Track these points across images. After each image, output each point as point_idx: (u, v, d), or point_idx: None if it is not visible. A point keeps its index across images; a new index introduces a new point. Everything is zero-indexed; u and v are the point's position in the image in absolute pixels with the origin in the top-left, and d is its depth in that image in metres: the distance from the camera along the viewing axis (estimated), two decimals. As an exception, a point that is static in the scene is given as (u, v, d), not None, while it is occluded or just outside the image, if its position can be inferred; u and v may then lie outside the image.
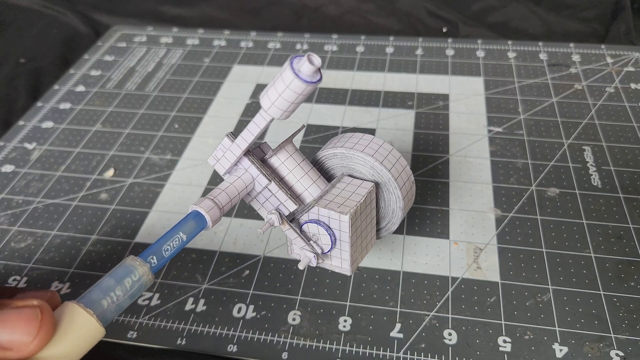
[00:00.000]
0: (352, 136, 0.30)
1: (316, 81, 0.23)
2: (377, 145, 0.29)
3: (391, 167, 0.28)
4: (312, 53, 0.22)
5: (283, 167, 0.28)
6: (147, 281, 0.23)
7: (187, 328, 0.31)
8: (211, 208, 0.25)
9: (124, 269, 0.22)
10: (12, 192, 0.41)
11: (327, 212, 0.26)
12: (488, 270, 0.34)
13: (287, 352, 0.30)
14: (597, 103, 0.47)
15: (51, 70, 0.57)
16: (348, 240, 0.27)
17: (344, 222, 0.26)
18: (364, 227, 0.28)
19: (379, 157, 0.28)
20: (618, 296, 0.32)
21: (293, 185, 0.28)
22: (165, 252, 0.24)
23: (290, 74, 0.22)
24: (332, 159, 0.30)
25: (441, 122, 0.46)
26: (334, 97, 0.50)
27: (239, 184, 0.26)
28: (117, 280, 0.22)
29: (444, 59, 0.54)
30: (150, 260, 0.23)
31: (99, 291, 0.21)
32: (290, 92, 0.23)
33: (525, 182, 0.40)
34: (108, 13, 0.66)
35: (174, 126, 0.47)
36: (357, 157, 0.29)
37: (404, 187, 0.29)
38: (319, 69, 0.22)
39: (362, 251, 0.29)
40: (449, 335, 0.30)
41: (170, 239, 0.24)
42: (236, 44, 0.59)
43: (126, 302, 0.22)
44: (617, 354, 0.29)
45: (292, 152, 0.28)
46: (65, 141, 0.46)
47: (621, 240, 0.35)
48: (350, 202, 0.27)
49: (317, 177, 0.28)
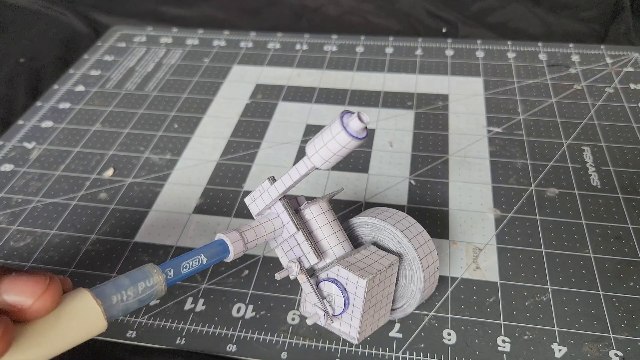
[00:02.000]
0: (386, 210, 0.30)
1: (362, 137, 0.23)
2: (409, 223, 0.29)
3: (418, 247, 0.28)
4: (362, 112, 0.23)
5: (314, 222, 0.28)
6: (159, 290, 0.23)
7: (187, 328, 0.31)
8: (236, 240, 0.26)
9: (141, 272, 0.23)
10: (11, 191, 0.41)
11: (347, 273, 0.26)
12: (487, 270, 0.34)
13: (287, 351, 0.30)
14: (597, 103, 0.47)
15: (51, 70, 0.57)
16: (361, 306, 0.27)
17: (361, 287, 0.26)
18: (379, 299, 0.28)
19: (409, 234, 0.28)
20: (617, 296, 0.32)
21: (319, 241, 0.28)
22: (183, 269, 0.24)
23: (339, 127, 0.23)
24: (362, 227, 0.30)
25: (441, 122, 0.46)
26: (334, 97, 0.50)
27: (268, 226, 0.27)
28: (132, 281, 0.22)
29: (444, 59, 0.54)
30: (167, 272, 0.24)
31: (112, 286, 0.22)
32: (336, 144, 0.23)
33: (525, 183, 0.40)
34: (108, 13, 0.66)
35: (174, 126, 0.47)
36: (387, 230, 0.29)
37: (428, 270, 0.28)
38: (366, 127, 0.23)
39: (372, 323, 0.28)
40: (448, 335, 0.30)
41: (190, 258, 0.25)
42: (236, 44, 0.59)
43: (134, 304, 0.22)
44: (616, 354, 0.29)
45: (325, 209, 0.28)
46: (65, 141, 0.46)
47: (620, 241, 0.35)
48: (370, 269, 0.27)
49: (344, 239, 0.28)
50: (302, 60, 0.55)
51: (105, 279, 0.34)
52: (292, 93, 0.51)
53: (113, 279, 0.22)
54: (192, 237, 0.37)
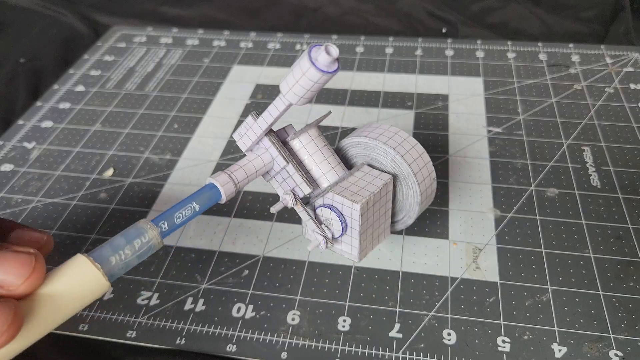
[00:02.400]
0: (378, 127, 0.30)
1: (332, 71, 0.23)
2: (401, 138, 0.29)
3: (412, 162, 0.28)
4: (330, 44, 0.23)
5: (303, 150, 0.28)
6: (155, 244, 0.24)
7: (187, 328, 0.31)
8: (227, 182, 0.26)
9: (135, 229, 0.23)
10: (11, 191, 0.41)
11: (341, 199, 0.27)
12: (487, 270, 0.34)
13: (286, 352, 0.30)
14: (597, 103, 0.47)
15: (51, 70, 0.57)
16: (358, 228, 0.27)
17: (355, 211, 0.27)
18: (376, 218, 0.28)
19: (401, 150, 0.28)
20: (617, 296, 0.32)
21: (311, 169, 0.28)
22: (177, 219, 0.25)
23: (307, 63, 0.23)
24: (355, 147, 0.30)
25: (440, 122, 0.46)
26: (334, 97, 0.50)
27: (258, 163, 0.27)
28: (128, 240, 0.23)
29: (444, 59, 0.54)
30: (162, 225, 0.24)
31: (109, 248, 0.23)
32: (307, 80, 0.23)
33: (525, 183, 0.40)
34: (108, 13, 0.67)
35: (174, 126, 0.47)
36: (379, 148, 0.29)
37: (423, 183, 0.29)
38: (336, 59, 0.23)
39: (372, 240, 0.29)
40: (448, 336, 0.30)
41: (183, 207, 0.25)
42: (236, 44, 0.59)
43: (134, 261, 0.23)
44: (616, 354, 0.29)
45: (314, 136, 0.28)
46: (65, 141, 0.46)
47: (620, 241, 0.35)
48: (364, 192, 0.27)
49: (336, 163, 0.29)
50: (302, 60, 0.55)
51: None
52: (292, 93, 0.51)
53: (109, 240, 0.23)
54: (192, 237, 0.37)
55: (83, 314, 0.32)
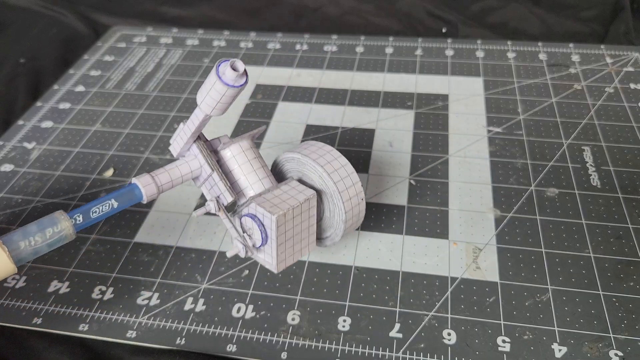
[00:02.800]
0: (314, 144, 0.31)
1: (239, 85, 0.24)
2: (331, 157, 0.30)
3: (339, 180, 0.29)
4: (237, 60, 0.24)
5: (233, 161, 0.29)
6: (67, 235, 0.25)
7: (187, 328, 0.31)
8: (149, 184, 0.27)
9: (49, 219, 0.25)
10: (11, 191, 0.41)
11: (262, 209, 0.28)
12: (487, 270, 0.34)
13: (287, 351, 0.30)
14: (597, 103, 0.47)
15: (51, 70, 0.57)
16: (275, 239, 0.28)
17: (273, 222, 0.27)
18: (297, 231, 0.29)
19: (329, 168, 0.29)
20: (617, 296, 0.32)
21: (238, 179, 0.29)
22: (93, 213, 0.26)
23: (214, 77, 0.24)
24: (289, 162, 0.31)
25: (441, 122, 0.46)
26: (334, 97, 0.50)
27: (184, 168, 0.28)
28: (40, 228, 0.24)
29: (444, 59, 0.54)
30: (76, 217, 0.25)
31: (20, 233, 0.24)
32: (215, 92, 0.24)
33: (525, 182, 0.40)
34: (108, 13, 0.67)
35: (174, 126, 0.47)
36: (309, 165, 0.30)
37: (349, 202, 0.29)
38: (244, 73, 0.24)
39: (294, 253, 0.30)
40: (448, 335, 0.30)
41: (101, 203, 0.26)
42: (236, 44, 0.59)
43: (44, 249, 0.24)
44: (616, 354, 0.29)
45: (245, 148, 0.30)
46: (65, 141, 0.46)
47: (620, 241, 0.35)
48: (284, 205, 0.28)
49: (264, 175, 0.30)
50: (302, 60, 0.55)
51: (105, 278, 0.34)
52: (292, 93, 0.51)
53: (23, 227, 0.25)
54: (192, 237, 0.37)
55: (83, 314, 0.32)
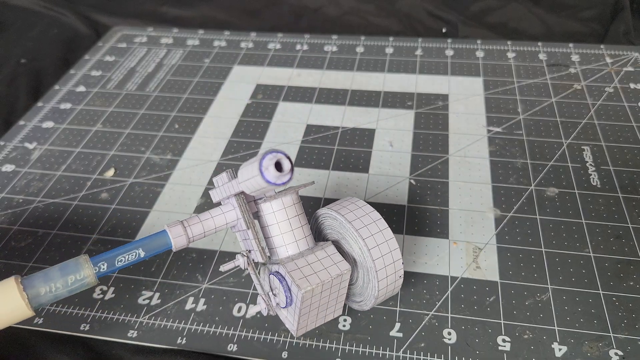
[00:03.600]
0: (361, 207, 0.29)
1: (281, 183, 0.22)
2: (377, 228, 0.28)
3: (378, 257, 0.27)
4: (284, 157, 0.22)
5: (272, 216, 0.27)
6: (89, 283, 0.25)
7: (188, 327, 0.31)
8: (179, 236, 0.26)
9: (73, 265, 0.24)
10: (12, 192, 0.41)
11: (290, 277, 0.26)
12: (487, 269, 0.34)
13: (287, 351, 0.30)
14: (597, 103, 0.47)
15: (52, 71, 0.57)
16: (299, 311, 0.27)
17: (299, 296, 0.26)
18: (325, 302, 0.28)
19: (371, 242, 0.27)
20: (617, 295, 0.32)
21: (273, 237, 0.27)
22: (118, 262, 0.25)
23: (256, 170, 0.22)
24: (332, 220, 0.29)
25: (440, 122, 0.46)
26: (334, 97, 0.50)
27: (220, 220, 0.27)
28: (63, 274, 0.24)
29: (444, 59, 0.54)
30: (101, 265, 0.25)
31: (42, 278, 0.24)
32: (256, 183, 0.23)
33: (525, 182, 0.40)
34: (108, 14, 0.67)
35: (174, 126, 0.47)
36: (351, 234, 0.28)
37: (385, 280, 0.28)
38: (290, 170, 0.22)
39: (317, 320, 0.29)
40: (448, 335, 0.30)
41: (127, 251, 0.25)
42: (236, 44, 0.59)
43: (64, 294, 0.24)
44: (616, 353, 0.29)
45: (288, 204, 0.27)
46: (66, 141, 0.46)
47: (620, 240, 0.35)
48: (314, 278, 0.26)
49: (301, 237, 0.28)
50: (302, 60, 0.56)
51: (106, 279, 0.35)
52: (292, 93, 0.51)
53: (45, 270, 0.24)
54: (192, 237, 0.37)
55: (84, 314, 0.32)
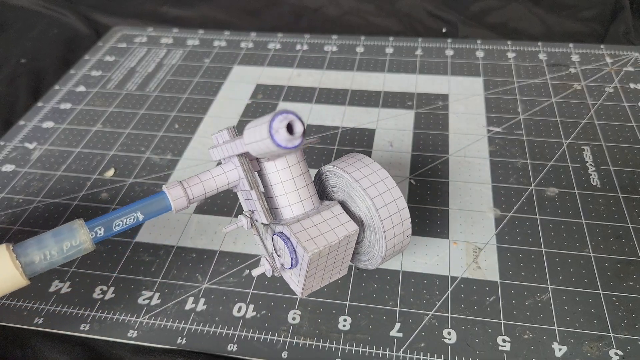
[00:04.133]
0: (368, 165, 0.28)
1: (291, 147, 0.21)
2: (385, 187, 0.27)
3: (387, 217, 0.26)
4: (297, 119, 0.21)
5: (276, 175, 0.26)
6: (86, 248, 0.23)
7: (188, 327, 0.31)
8: (180, 197, 0.25)
9: (67, 230, 0.23)
10: (12, 192, 0.41)
11: (295, 239, 0.25)
12: (487, 269, 0.34)
13: (287, 351, 0.30)
14: (597, 103, 0.47)
15: (52, 71, 0.57)
16: (305, 272, 0.26)
17: (305, 257, 0.25)
18: (331, 262, 0.27)
19: (379, 202, 0.26)
20: (617, 295, 0.32)
21: (277, 196, 0.26)
22: (115, 226, 0.23)
23: (265, 132, 0.21)
24: (338, 177, 0.28)
25: (441, 122, 0.46)
26: (334, 97, 0.50)
27: (221, 180, 0.26)
28: (57, 240, 0.22)
29: (444, 59, 0.54)
30: (97, 230, 0.23)
31: (35, 245, 0.22)
32: (264, 146, 0.22)
33: (525, 182, 0.40)
34: (108, 14, 0.67)
35: (174, 126, 0.47)
36: (358, 192, 0.27)
37: (393, 240, 0.27)
38: (302, 134, 0.21)
39: (322, 280, 0.28)
40: (448, 335, 0.30)
41: (125, 214, 0.24)
42: (236, 44, 0.59)
43: (59, 261, 0.22)
44: (616, 353, 0.29)
45: (292, 163, 0.26)
46: (66, 141, 0.46)
47: (620, 240, 0.35)
48: (321, 240, 0.25)
49: (307, 196, 0.27)
50: (302, 60, 0.56)
51: (106, 278, 0.35)
52: (292, 93, 0.51)
53: (38, 236, 0.22)
54: (192, 237, 0.37)
55: (84, 314, 0.32)
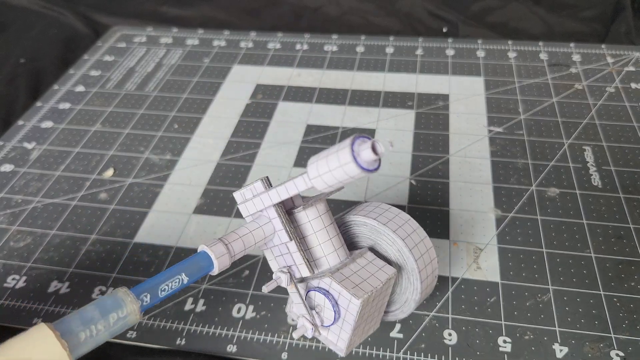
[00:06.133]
0: (388, 210, 0.28)
1: (373, 169, 0.20)
2: (411, 229, 0.27)
3: (419, 257, 0.26)
4: (378, 140, 0.20)
5: (308, 226, 0.25)
6: (133, 320, 0.21)
7: (187, 328, 0.31)
8: (222, 255, 0.23)
9: (113, 301, 0.20)
10: (11, 192, 0.41)
11: (340, 288, 0.24)
12: (488, 270, 0.34)
13: (287, 352, 0.30)
14: (598, 103, 0.47)
15: (51, 71, 0.57)
16: (352, 323, 0.25)
17: (354, 305, 0.24)
18: (371, 312, 0.26)
19: (410, 242, 0.26)
20: (618, 296, 0.32)
21: (312, 248, 0.26)
22: (161, 292, 0.22)
23: (348, 156, 0.20)
24: (360, 226, 0.28)
25: (441, 122, 0.46)
26: (334, 97, 0.50)
27: (258, 234, 0.24)
28: (103, 313, 0.20)
29: (444, 59, 0.54)
30: (143, 297, 0.21)
31: (79, 321, 0.19)
32: (342, 173, 0.20)
33: (526, 182, 0.40)
34: (108, 13, 0.66)
35: (174, 126, 0.47)
36: (387, 236, 0.27)
37: (426, 281, 0.26)
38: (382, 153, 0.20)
39: (362, 334, 0.27)
40: (449, 336, 0.30)
41: (170, 279, 0.22)
42: (236, 44, 0.59)
43: (104, 338, 0.20)
44: (617, 354, 0.29)
45: (322, 212, 0.26)
46: (65, 141, 0.46)
47: (621, 240, 0.35)
48: (366, 286, 0.25)
49: (340, 245, 0.26)
50: (302, 60, 0.55)
51: (106, 279, 0.34)
52: (292, 93, 0.51)
53: (80, 310, 0.20)
54: (192, 237, 0.37)
55: (83, 315, 0.32)
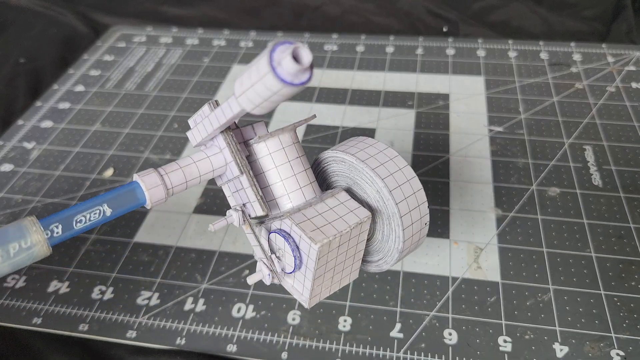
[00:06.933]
0: (373, 145, 0.24)
1: (299, 83, 0.17)
2: (395, 167, 0.23)
3: (402, 200, 0.23)
4: (302, 45, 0.16)
5: (268, 159, 0.22)
6: (39, 252, 0.18)
7: (187, 328, 0.31)
8: (155, 186, 0.20)
9: (16, 230, 0.18)
10: (11, 191, 0.41)
11: (299, 231, 0.21)
12: (488, 270, 0.34)
13: (287, 351, 0.30)
14: (598, 102, 0.47)
15: (50, 70, 0.57)
16: (313, 271, 0.22)
17: (313, 251, 0.21)
18: (341, 260, 0.23)
19: (392, 183, 0.23)
20: (619, 296, 0.32)
21: (272, 185, 0.23)
22: (77, 223, 0.19)
23: (265, 66, 0.17)
24: (338, 163, 0.24)
25: (441, 121, 0.46)
26: (334, 96, 0.50)
27: (204, 166, 0.22)
28: (1, 242, 0.18)
29: (445, 58, 0.54)
30: (54, 228, 0.18)
31: None
32: (263, 87, 0.17)
33: (526, 182, 0.39)
34: (107, 13, 0.66)
35: (174, 126, 0.47)
36: (366, 175, 0.23)
37: (410, 228, 0.23)
38: (310, 67, 0.17)
39: (331, 285, 0.24)
40: (449, 335, 0.30)
41: (88, 209, 0.19)
42: (236, 43, 0.59)
43: (4, 269, 0.18)
44: (617, 354, 0.29)
45: (287, 143, 0.23)
46: (65, 141, 0.46)
47: (622, 240, 0.35)
48: (329, 229, 0.22)
49: (307, 182, 0.23)
50: (302, 59, 0.55)
51: (105, 278, 0.34)
52: (292, 92, 0.50)
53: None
54: (192, 237, 0.37)
55: (83, 314, 0.32)
